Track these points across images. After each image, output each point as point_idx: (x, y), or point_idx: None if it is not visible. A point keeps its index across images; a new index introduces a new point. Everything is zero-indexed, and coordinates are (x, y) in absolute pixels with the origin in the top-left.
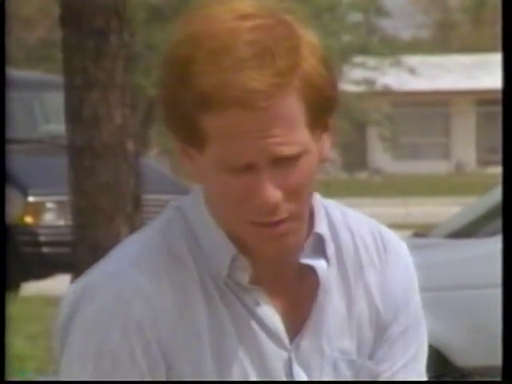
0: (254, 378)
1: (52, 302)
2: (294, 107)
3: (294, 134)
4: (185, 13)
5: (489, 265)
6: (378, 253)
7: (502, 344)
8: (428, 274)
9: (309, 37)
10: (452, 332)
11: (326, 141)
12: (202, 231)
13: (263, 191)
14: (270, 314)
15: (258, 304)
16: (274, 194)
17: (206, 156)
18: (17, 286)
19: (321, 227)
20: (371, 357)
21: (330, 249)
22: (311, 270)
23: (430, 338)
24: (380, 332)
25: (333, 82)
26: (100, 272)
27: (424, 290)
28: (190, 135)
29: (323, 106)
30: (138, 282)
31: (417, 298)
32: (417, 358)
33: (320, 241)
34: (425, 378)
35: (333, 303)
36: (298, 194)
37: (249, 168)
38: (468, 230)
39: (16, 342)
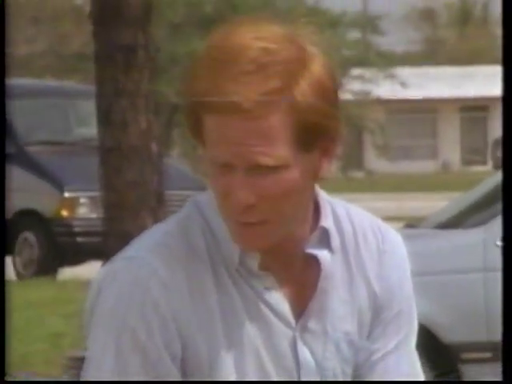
0: (263, 354)
1: (85, 285)
2: (277, 125)
3: (273, 149)
4: (205, 29)
5: (472, 252)
6: (377, 244)
7: (502, 344)
8: (418, 260)
9: (316, 68)
10: (439, 311)
11: (325, 163)
12: (216, 223)
13: (237, 192)
14: (278, 298)
15: (266, 288)
16: (246, 196)
17: (206, 152)
18: (54, 272)
19: (326, 221)
20: (368, 337)
21: (335, 241)
22: (316, 259)
23: (420, 317)
24: (376, 314)
25: (326, 112)
26: (122, 258)
27: (415, 274)
28: (195, 133)
29: (313, 131)
30: (155, 267)
31: (409, 286)
32: (408, 339)
33: (325, 233)
34: (415, 357)
35: (337, 289)
36: (274, 203)
37: (228, 169)
38: (454, 222)
39: (53, 322)
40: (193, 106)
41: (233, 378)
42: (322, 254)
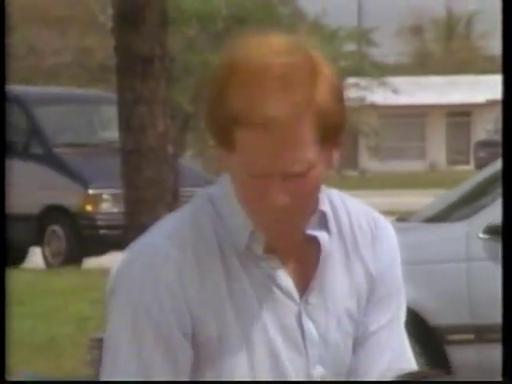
0: (270, 328)
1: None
2: (306, 131)
3: (304, 154)
4: (216, 42)
5: (457, 244)
6: (371, 230)
7: (502, 344)
8: (408, 251)
9: (327, 71)
10: (427, 297)
11: (335, 154)
12: (226, 212)
13: (274, 195)
14: (283, 276)
15: (272, 268)
16: (282, 199)
17: (233, 158)
18: (79, 261)
19: (324, 206)
20: (365, 313)
21: (332, 225)
22: (315, 241)
23: (409, 302)
24: (371, 292)
25: (342, 111)
26: (138, 244)
27: (405, 263)
28: (223, 142)
29: (332, 129)
30: (168, 252)
31: (399, 269)
32: (398, 317)
33: (323, 217)
34: (405, 335)
35: (335, 270)
36: (304, 200)
37: (264, 177)
38: (440, 216)
39: (78, 307)
40: (222, 120)
41: (242, 352)
42: (322, 235)
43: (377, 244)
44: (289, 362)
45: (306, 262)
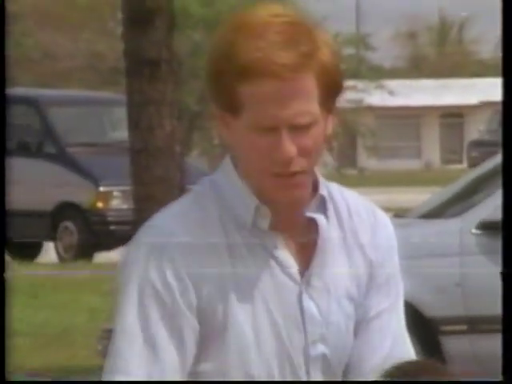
0: (272, 305)
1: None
2: (310, 85)
3: (308, 106)
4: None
5: (450, 239)
6: (369, 219)
7: (502, 344)
8: (405, 246)
9: (323, 35)
10: (422, 290)
11: (330, 120)
12: (230, 191)
13: (283, 147)
14: (286, 255)
15: (276, 247)
16: (290, 149)
17: (240, 121)
18: (90, 256)
19: (323, 191)
20: (364, 296)
21: (330, 211)
22: (314, 225)
23: (406, 295)
24: (370, 278)
25: (340, 71)
26: (145, 226)
27: (402, 258)
28: (229, 103)
29: (332, 89)
30: (172, 231)
31: (396, 256)
32: (397, 302)
33: (322, 201)
34: (403, 320)
35: (334, 254)
36: (308, 154)
37: (273, 129)
38: (435, 213)
39: (90, 299)
40: (231, 76)
41: (246, 326)
42: (320, 218)
43: (375, 232)
44: (288, 337)
45: (306, 245)
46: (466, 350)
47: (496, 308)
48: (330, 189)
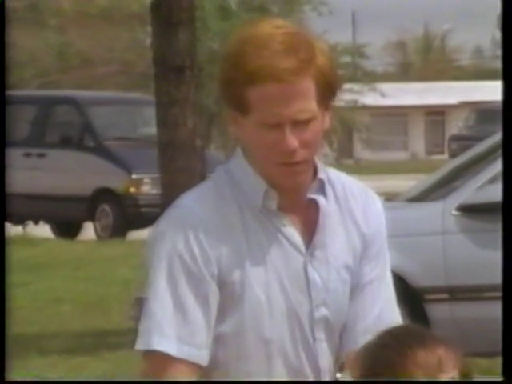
0: (282, 274)
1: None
2: (309, 86)
3: (308, 105)
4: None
5: (434, 220)
6: (362, 198)
7: (502, 344)
8: (394, 225)
9: (320, 43)
10: (409, 264)
11: (327, 116)
12: (242, 177)
13: (287, 141)
14: (292, 231)
15: (283, 224)
16: (292, 142)
17: (249, 119)
18: (124, 234)
19: (322, 175)
20: (358, 266)
21: (329, 191)
22: (315, 204)
23: (394, 267)
24: (363, 249)
25: (335, 74)
26: (172, 207)
27: (391, 236)
28: (239, 105)
29: (328, 90)
30: (195, 210)
31: (384, 232)
32: (385, 271)
33: (321, 184)
34: (391, 287)
35: (334, 230)
36: (308, 146)
37: (277, 126)
38: (420, 197)
39: (123, 271)
40: (240, 82)
41: (260, 292)
42: (320, 199)
43: (367, 210)
44: (296, 302)
45: (308, 221)
46: (446, 315)
47: (472, 279)
48: (329, 173)
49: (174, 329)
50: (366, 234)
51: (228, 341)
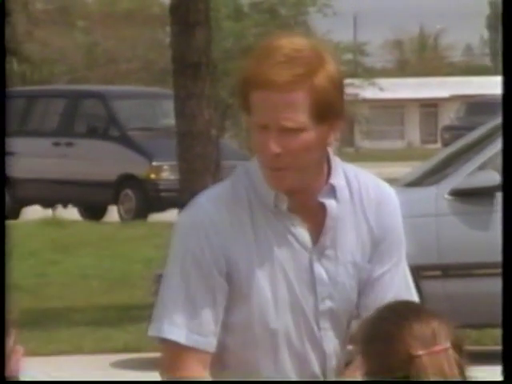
0: (289, 270)
1: (167, 225)
2: (299, 99)
3: (296, 116)
4: (247, 53)
5: (428, 203)
6: (376, 197)
7: (502, 344)
8: None
9: (330, 67)
10: (406, 243)
11: (332, 135)
12: (258, 180)
13: (269, 144)
14: (300, 230)
15: (292, 224)
16: (274, 147)
17: (251, 118)
18: (145, 216)
19: (335, 179)
20: (369, 261)
21: (342, 194)
22: (325, 207)
23: None
24: (374, 246)
25: (337, 97)
26: (190, 205)
27: None
28: (245, 105)
29: (325, 107)
30: (208, 210)
31: (400, 227)
32: (399, 263)
33: (333, 188)
34: (407, 275)
35: (345, 229)
36: (294, 154)
37: (265, 129)
38: (415, 182)
39: (146, 250)
40: (244, 85)
41: (266, 287)
42: (330, 203)
43: (380, 208)
44: (301, 296)
45: (318, 222)
46: (439, 291)
47: (463, 257)
48: (346, 170)
49: (183, 319)
50: (376, 233)
51: (236, 330)
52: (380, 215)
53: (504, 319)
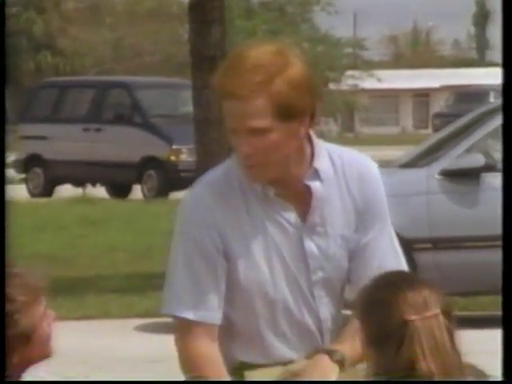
0: (282, 246)
1: None
2: (261, 105)
3: (260, 120)
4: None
5: (420, 182)
6: (357, 170)
7: (503, 343)
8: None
9: (292, 70)
10: (400, 219)
11: (302, 130)
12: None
13: (240, 146)
14: (289, 213)
15: (281, 207)
16: (245, 149)
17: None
18: (166, 194)
19: (317, 163)
20: (355, 231)
21: (325, 174)
22: (311, 189)
23: None
24: (358, 216)
25: (295, 98)
26: (188, 192)
27: (386, 196)
28: (221, 111)
29: (288, 109)
30: (203, 197)
31: (381, 196)
32: (382, 230)
33: (317, 171)
34: (393, 240)
35: (332, 205)
36: (264, 152)
37: (235, 132)
38: (409, 164)
39: (167, 225)
40: (217, 94)
41: (262, 263)
42: (314, 185)
43: (362, 181)
44: (295, 269)
45: (305, 202)
46: (430, 262)
47: (451, 231)
48: (330, 150)
49: (190, 297)
50: (360, 204)
51: (238, 304)
52: (362, 188)
53: (504, 320)
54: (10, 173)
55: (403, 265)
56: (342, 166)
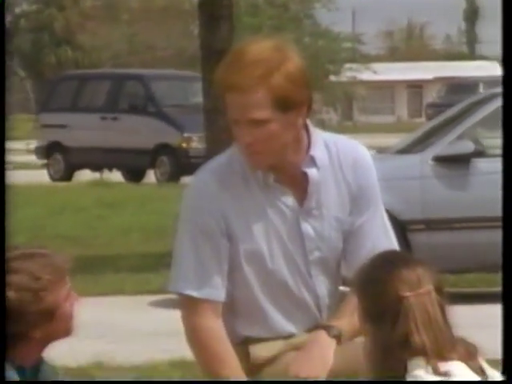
0: (280, 228)
1: None
2: (261, 97)
3: (261, 111)
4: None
5: (414, 167)
6: (352, 157)
7: (503, 343)
8: (383, 172)
9: (289, 64)
10: (396, 201)
11: (300, 120)
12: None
13: (241, 136)
14: (287, 198)
15: (281, 192)
16: (246, 138)
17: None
18: (178, 179)
19: (314, 150)
20: (349, 214)
21: (321, 161)
22: (307, 175)
23: (385, 205)
24: (352, 200)
25: (292, 91)
26: (193, 178)
27: (382, 179)
28: (224, 104)
29: (285, 101)
30: (208, 183)
31: (374, 181)
32: (375, 213)
33: (313, 158)
34: (385, 222)
35: (328, 190)
36: (264, 141)
37: (237, 123)
38: (404, 150)
39: (177, 208)
40: (218, 88)
41: (263, 244)
42: (311, 171)
43: (356, 167)
44: (292, 249)
45: (303, 188)
46: (423, 242)
47: (443, 213)
48: (326, 139)
49: (195, 276)
50: (354, 189)
51: (240, 282)
52: (356, 173)
53: (504, 320)
54: (32, 159)
55: (395, 245)
56: (337, 154)
